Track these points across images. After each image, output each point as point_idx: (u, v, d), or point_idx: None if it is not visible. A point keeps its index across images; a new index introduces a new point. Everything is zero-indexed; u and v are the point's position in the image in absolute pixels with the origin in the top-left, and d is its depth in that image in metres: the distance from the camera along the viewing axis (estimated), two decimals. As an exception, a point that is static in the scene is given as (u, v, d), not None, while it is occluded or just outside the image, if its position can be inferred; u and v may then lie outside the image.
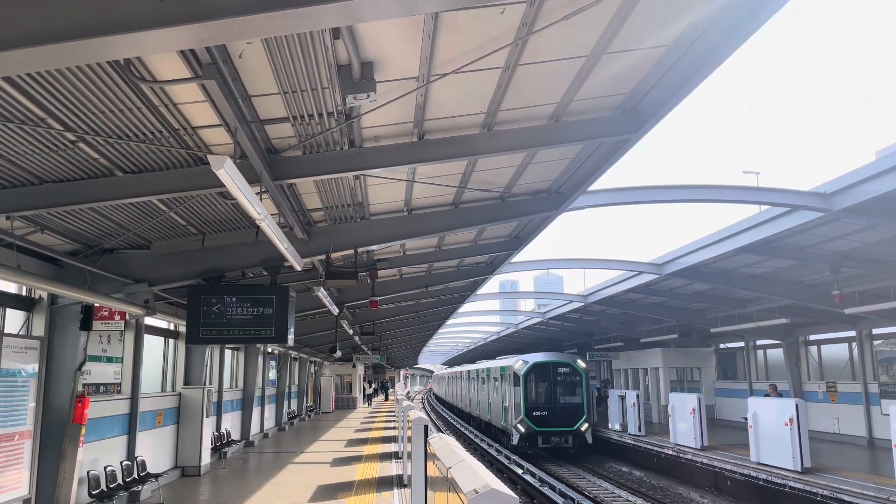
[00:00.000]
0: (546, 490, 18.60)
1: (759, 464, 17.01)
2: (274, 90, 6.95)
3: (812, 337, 24.78)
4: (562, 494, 18.16)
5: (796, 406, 16.01)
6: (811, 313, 21.81)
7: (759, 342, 28.19)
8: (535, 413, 26.01)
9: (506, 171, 10.95)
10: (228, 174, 6.37)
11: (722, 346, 31.21)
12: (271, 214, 8.64)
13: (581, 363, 27.05)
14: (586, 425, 25.85)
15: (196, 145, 7.98)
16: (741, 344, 29.41)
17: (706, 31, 7.02)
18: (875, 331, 21.44)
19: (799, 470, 15.60)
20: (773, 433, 16.70)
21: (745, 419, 18.14)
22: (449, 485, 5.01)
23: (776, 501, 16.54)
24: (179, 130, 7.56)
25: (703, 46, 7.24)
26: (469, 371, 43.36)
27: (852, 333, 22.30)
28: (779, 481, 15.82)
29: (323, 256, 12.08)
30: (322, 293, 13.91)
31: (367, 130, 8.42)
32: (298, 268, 10.89)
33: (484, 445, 30.81)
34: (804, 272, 18.98)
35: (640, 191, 13.20)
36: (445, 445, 6.58)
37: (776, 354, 26.76)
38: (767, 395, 18.87)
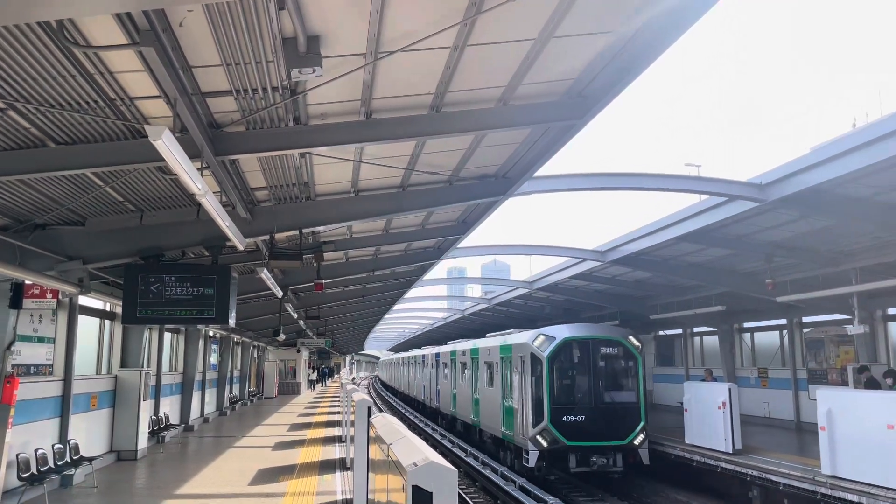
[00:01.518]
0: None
1: (693, 445, 17.57)
2: (216, 62, 6.77)
3: (746, 325, 25.67)
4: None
5: (729, 390, 16.57)
6: (746, 301, 22.56)
7: (696, 329, 29.04)
8: (565, 419, 16.93)
9: (454, 154, 10.95)
10: (167, 146, 6.18)
11: (661, 332, 32.05)
12: (213, 193, 8.45)
13: (635, 340, 18.15)
14: (642, 437, 17.09)
15: (133, 117, 7.72)
16: (679, 331, 30.26)
17: (652, 17, 7.13)
18: (805, 319, 22.34)
19: (730, 451, 16.18)
20: (706, 416, 17.26)
21: (681, 403, 18.70)
22: (390, 461, 5.01)
23: (709, 482, 17.13)
24: (116, 101, 7.30)
25: (649, 33, 7.36)
26: (438, 354, 33.08)
27: (783, 321, 23.19)
28: (711, 462, 16.37)
29: (267, 237, 11.89)
30: (266, 275, 13.70)
31: (313, 107, 8.29)
32: (241, 247, 10.69)
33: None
34: (740, 261, 19.61)
35: (585, 177, 13.39)
36: (387, 424, 6.57)
37: (712, 341, 27.63)
38: (703, 380, 19.47)
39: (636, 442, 17.02)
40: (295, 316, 24.21)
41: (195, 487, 12.90)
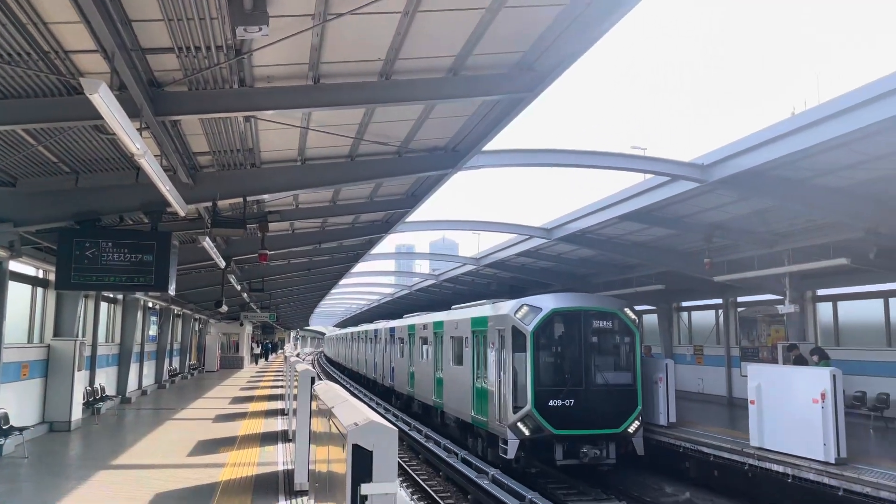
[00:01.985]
0: None
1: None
2: (158, 16, 6.52)
3: (684, 304, 26.45)
4: None
5: (666, 366, 17.08)
6: (684, 281, 23.21)
7: (636, 307, 29.77)
8: (551, 403, 14.56)
9: (403, 124, 10.86)
10: (104, 101, 5.95)
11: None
12: (154, 156, 8.18)
13: (631, 313, 15.89)
14: (637, 424, 15.04)
15: (69, 71, 7.39)
16: (621, 309, 30.94)
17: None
18: (740, 299, 23.14)
19: (665, 424, 16.72)
20: (644, 391, 17.76)
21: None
22: (331, 425, 5.00)
23: (648, 454, 17.68)
24: (50, 53, 6.98)
25: (600, 7, 7.40)
26: (393, 329, 30.11)
27: (719, 301, 23.97)
28: (647, 435, 16.90)
29: (209, 204, 11.60)
30: (208, 243, 13.39)
31: (259, 69, 8.09)
32: (182, 213, 10.41)
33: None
34: (680, 241, 20.12)
35: (533, 153, 13.48)
36: (330, 390, 6.55)
37: (651, 319, 28.38)
38: (642, 357, 20.00)
39: (631, 430, 14.89)
40: (238, 288, 23.79)
41: (131, 458, 12.63)
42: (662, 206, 16.73)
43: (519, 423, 14.57)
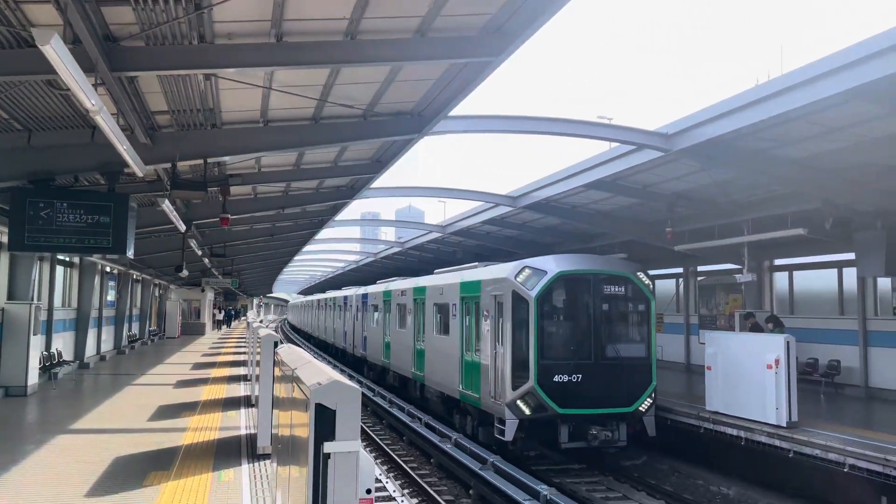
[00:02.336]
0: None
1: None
2: (112, -35, 6.26)
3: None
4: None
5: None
6: (647, 250, 23.54)
7: (599, 277, 30.13)
8: (557, 378, 12.99)
9: (369, 87, 10.69)
10: (56, 53, 5.72)
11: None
12: (110, 115, 7.92)
13: (645, 277, 14.20)
14: (650, 402, 13.56)
15: (19, 22, 7.08)
16: (584, 278, 31.30)
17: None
18: (700, 268, 23.58)
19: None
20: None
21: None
22: (293, 386, 4.97)
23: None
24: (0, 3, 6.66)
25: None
26: (365, 295, 28.10)
27: (680, 270, 24.40)
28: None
29: (168, 165, 11.34)
30: (167, 206, 13.10)
31: (220, 25, 7.84)
32: (140, 173, 10.14)
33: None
34: (644, 211, 20.34)
35: (500, 119, 13.41)
36: (292, 352, 6.51)
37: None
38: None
39: (643, 408, 13.37)
40: (199, 253, 23.43)
41: (91, 423, 12.47)
42: (627, 175, 16.86)
43: (519, 402, 12.93)
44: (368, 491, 4.09)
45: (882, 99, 10.13)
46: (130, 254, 11.37)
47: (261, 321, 58.81)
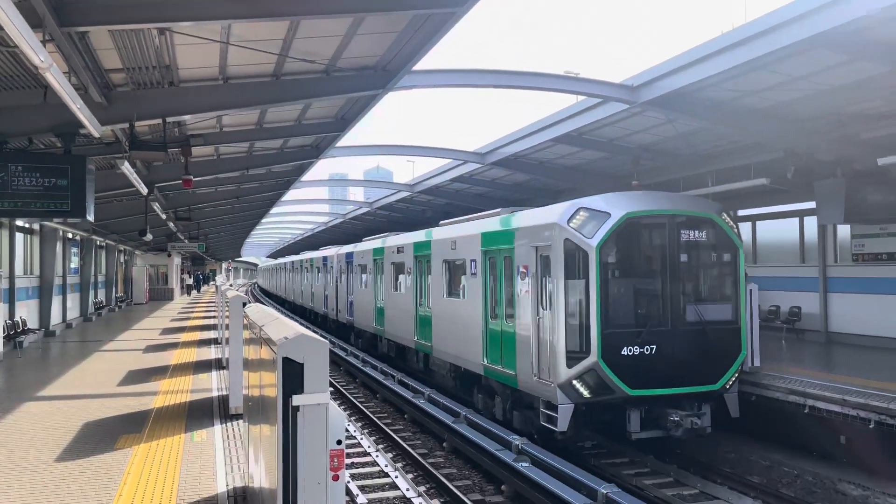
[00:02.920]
0: None
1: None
2: (54, -89, 5.96)
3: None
4: None
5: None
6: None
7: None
8: (625, 351, 10.35)
9: (330, 40, 10.44)
10: (1, 7, 5.47)
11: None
12: (62, 73, 7.64)
13: (728, 219, 11.35)
14: (734, 378, 10.95)
15: (-44, -26, 6.72)
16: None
17: None
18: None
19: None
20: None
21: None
22: (262, 342, 4.96)
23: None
24: (-68, -48, 6.31)
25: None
26: (350, 254, 24.58)
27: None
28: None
29: (126, 125, 11.02)
30: (127, 168, 12.78)
31: (173, -23, 7.56)
32: (97, 134, 9.85)
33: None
34: (611, 164, 20.44)
35: (465, 73, 13.25)
36: (260, 310, 6.48)
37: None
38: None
39: (728, 385, 10.74)
40: (163, 217, 23.02)
41: (58, 390, 12.34)
42: (593, 129, 16.88)
43: (576, 382, 10.11)
44: (339, 442, 4.12)
45: (843, 46, 10.21)
46: (90, 217, 11.10)
47: (230, 285, 58.19)
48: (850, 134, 14.07)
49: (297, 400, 3.94)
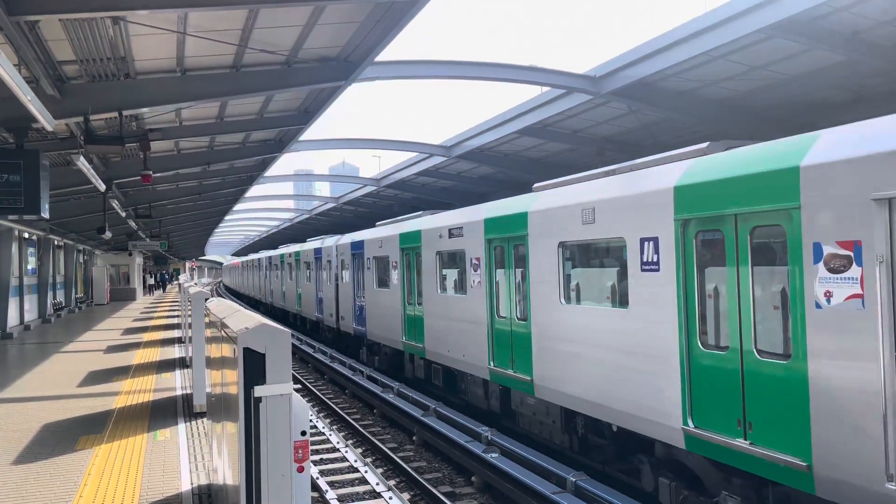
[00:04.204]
0: None
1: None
2: None
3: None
4: None
5: None
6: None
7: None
8: None
9: (290, 30, 10.27)
10: (-62, -10, 5.24)
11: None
12: (12, 64, 7.37)
13: None
14: None
15: None
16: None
17: None
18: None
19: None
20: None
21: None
22: (224, 335, 4.84)
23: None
24: None
25: None
26: (359, 244, 18.35)
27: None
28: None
29: (81, 119, 10.70)
30: (83, 163, 12.43)
31: (125, -37, 7.35)
32: (50, 128, 9.55)
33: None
34: (575, 156, 20.57)
35: (429, 65, 13.19)
36: (222, 303, 6.34)
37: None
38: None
39: None
40: (123, 215, 22.50)
41: (16, 392, 11.99)
42: (558, 121, 16.95)
43: None
44: (303, 433, 4.03)
45: (801, 35, 10.38)
46: (46, 214, 10.78)
47: (194, 284, 57.24)
48: (807, 124, 14.34)
49: (259, 391, 3.85)
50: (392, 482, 9.55)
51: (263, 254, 39.02)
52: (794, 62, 11.88)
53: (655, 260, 7.35)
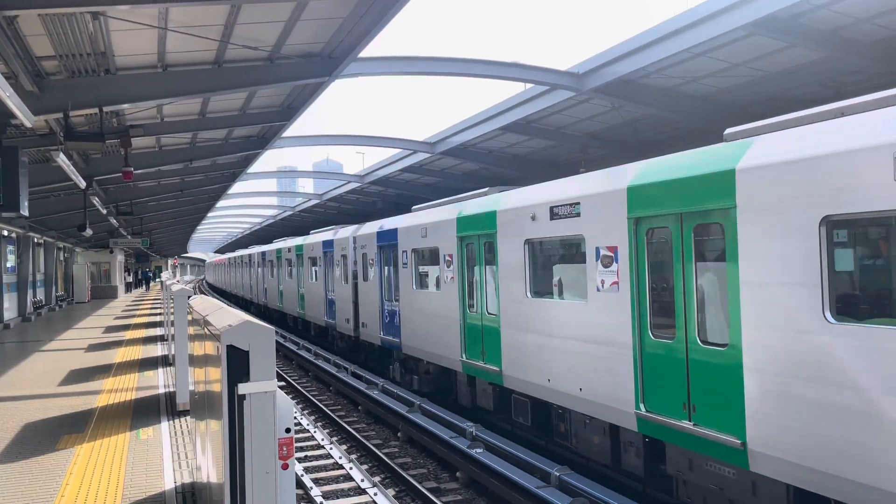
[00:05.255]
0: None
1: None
2: None
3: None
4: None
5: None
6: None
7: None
8: None
9: (273, 26, 10.21)
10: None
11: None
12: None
13: None
14: None
15: None
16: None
17: None
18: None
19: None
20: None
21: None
22: (207, 332, 4.82)
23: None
24: None
25: None
26: (390, 233, 14.64)
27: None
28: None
29: (60, 115, 10.58)
30: (63, 160, 12.29)
31: (105, -42, 7.27)
32: (28, 124, 9.43)
33: None
34: (558, 153, 20.64)
35: (412, 61, 13.18)
36: (204, 301, 6.31)
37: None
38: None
39: None
40: (104, 212, 22.28)
41: (-5, 392, 11.84)
42: (541, 117, 17.00)
43: None
44: (288, 430, 4.03)
45: (780, 32, 10.48)
46: (25, 212, 10.64)
47: (177, 281, 56.62)
48: (787, 119, 14.49)
49: (242, 388, 3.83)
50: (377, 478, 9.56)
51: (256, 249, 35.50)
52: (774, 59, 11.99)
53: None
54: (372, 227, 16.19)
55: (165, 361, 14.71)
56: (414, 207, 14.47)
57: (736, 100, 14.34)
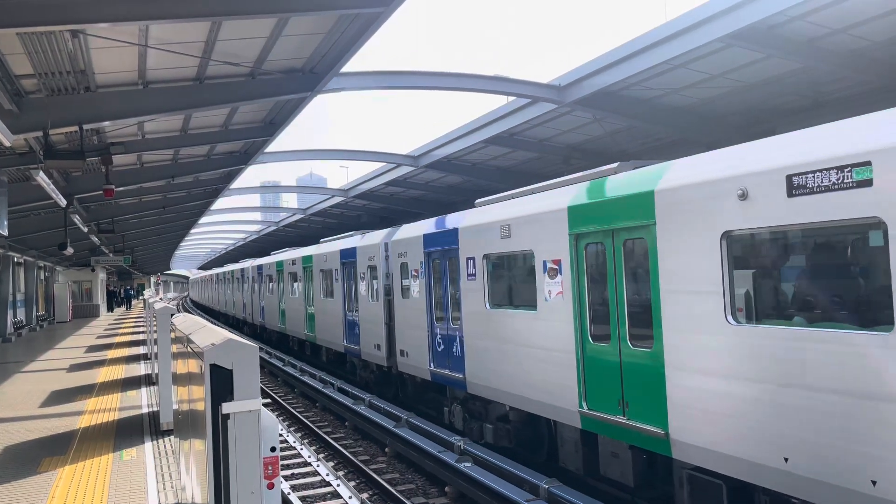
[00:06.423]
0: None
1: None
2: None
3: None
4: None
5: None
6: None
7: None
8: None
9: (254, 42, 10.21)
10: None
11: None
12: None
13: None
14: None
15: None
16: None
17: None
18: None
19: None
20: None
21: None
22: (189, 351, 4.77)
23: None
24: None
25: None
26: (445, 234, 11.52)
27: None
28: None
29: (40, 133, 10.47)
30: (43, 179, 12.16)
31: (84, -25, 7.24)
32: (7, 143, 9.35)
33: None
34: (542, 164, 20.73)
35: (394, 75, 13.20)
36: (188, 319, 6.25)
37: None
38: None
39: None
40: (85, 230, 22.07)
41: (-26, 415, 11.63)
42: (524, 130, 17.09)
43: None
44: (273, 449, 3.99)
45: (759, 42, 10.62)
46: (4, 232, 10.55)
47: (160, 298, 55.94)
48: (767, 129, 14.67)
49: (227, 408, 3.79)
50: (365, 495, 9.47)
51: (250, 262, 32.32)
52: (752, 69, 12.15)
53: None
54: (415, 230, 12.96)
55: (149, 380, 14.54)
56: (478, 201, 11.46)
57: (715, 110, 14.50)
